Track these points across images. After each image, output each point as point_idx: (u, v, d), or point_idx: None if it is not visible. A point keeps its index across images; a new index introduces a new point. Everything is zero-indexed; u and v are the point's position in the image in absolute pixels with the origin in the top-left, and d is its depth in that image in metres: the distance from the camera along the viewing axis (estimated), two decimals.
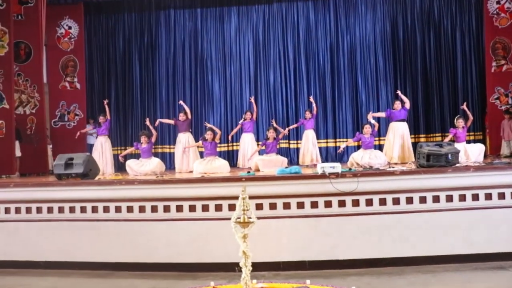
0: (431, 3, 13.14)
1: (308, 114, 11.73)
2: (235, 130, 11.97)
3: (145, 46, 13.82)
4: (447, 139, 10.06)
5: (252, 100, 11.95)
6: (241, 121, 11.70)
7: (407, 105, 10.72)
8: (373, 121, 10.50)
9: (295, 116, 13.32)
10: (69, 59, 13.00)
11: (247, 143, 11.35)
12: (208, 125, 10.96)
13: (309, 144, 11.50)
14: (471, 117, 10.29)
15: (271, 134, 10.59)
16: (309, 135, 11.57)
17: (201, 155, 10.89)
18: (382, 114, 11.29)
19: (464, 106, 10.51)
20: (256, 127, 12.77)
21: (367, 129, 10.12)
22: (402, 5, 13.28)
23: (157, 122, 11.62)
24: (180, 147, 11.07)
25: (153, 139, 10.57)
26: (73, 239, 7.30)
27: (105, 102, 11.57)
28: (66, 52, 13.03)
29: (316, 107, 11.96)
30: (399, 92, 11.16)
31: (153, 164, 10.09)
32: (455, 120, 10.12)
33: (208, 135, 10.27)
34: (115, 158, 11.82)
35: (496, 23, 12.05)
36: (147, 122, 11.02)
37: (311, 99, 12.19)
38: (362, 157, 9.69)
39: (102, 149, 11.20)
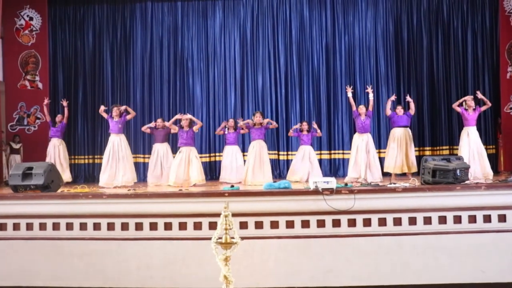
0: (439, 0, 13.28)
1: (305, 125, 11.43)
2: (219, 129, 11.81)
3: (118, 42, 13.79)
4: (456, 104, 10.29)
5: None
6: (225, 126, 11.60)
7: (412, 111, 10.85)
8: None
9: (285, 126, 13.34)
10: (30, 54, 12.94)
11: (231, 155, 11.31)
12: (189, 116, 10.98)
13: (306, 160, 11.24)
14: (488, 103, 10.45)
15: (257, 119, 10.65)
16: (305, 150, 11.32)
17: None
18: (388, 105, 10.98)
19: (479, 94, 10.59)
20: (242, 138, 12.80)
21: (362, 109, 10.32)
22: (407, 3, 13.40)
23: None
24: (154, 158, 11.09)
25: (129, 117, 10.80)
26: (30, 261, 7.21)
27: (65, 103, 11.63)
28: (27, 46, 12.96)
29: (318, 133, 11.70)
30: (408, 97, 11.08)
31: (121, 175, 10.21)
32: (465, 100, 10.26)
33: (184, 122, 10.44)
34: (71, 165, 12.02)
35: None
36: (101, 110, 10.94)
37: (314, 125, 11.73)
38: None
39: (55, 154, 11.11)
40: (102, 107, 10.83)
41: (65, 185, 10.57)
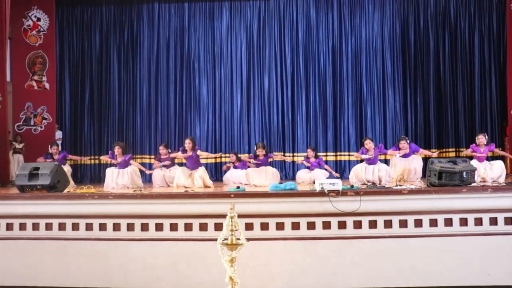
0: (446, 3, 13.26)
1: (310, 152, 11.17)
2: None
3: (125, 43, 13.83)
4: (466, 153, 10.20)
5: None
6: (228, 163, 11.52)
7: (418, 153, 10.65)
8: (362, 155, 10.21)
9: (291, 128, 13.33)
10: (37, 55, 12.99)
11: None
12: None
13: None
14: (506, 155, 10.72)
15: (260, 152, 10.60)
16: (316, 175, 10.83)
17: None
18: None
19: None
20: (248, 142, 12.89)
21: (368, 145, 9.98)
22: (414, 5, 13.39)
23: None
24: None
25: (133, 162, 10.51)
26: (36, 261, 7.23)
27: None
28: (34, 47, 13.02)
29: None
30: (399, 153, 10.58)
31: (126, 178, 10.11)
32: (476, 137, 10.10)
33: (187, 144, 10.13)
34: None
35: None
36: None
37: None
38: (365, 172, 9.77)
39: None
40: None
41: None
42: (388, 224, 6.87)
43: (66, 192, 7.97)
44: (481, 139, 9.95)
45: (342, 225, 6.87)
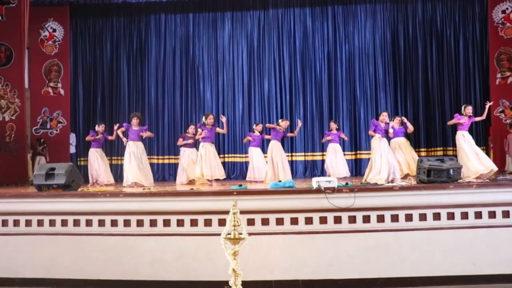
0: (433, 12, 13.27)
1: (333, 125, 11.73)
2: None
3: (134, 51, 13.84)
4: (450, 123, 10.07)
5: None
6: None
7: (409, 130, 10.45)
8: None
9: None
10: (53, 63, 13.00)
11: (256, 157, 11.08)
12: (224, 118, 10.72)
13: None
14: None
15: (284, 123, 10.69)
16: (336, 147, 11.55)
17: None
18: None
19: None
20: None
21: (383, 116, 9.55)
22: (403, 14, 13.40)
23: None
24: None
25: (145, 133, 10.28)
26: (53, 255, 7.22)
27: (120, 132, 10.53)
28: (50, 56, 13.04)
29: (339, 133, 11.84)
30: (404, 118, 10.59)
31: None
32: (464, 107, 9.86)
33: (210, 120, 10.13)
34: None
35: (501, 33, 12.20)
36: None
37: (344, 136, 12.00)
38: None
39: (98, 162, 10.79)
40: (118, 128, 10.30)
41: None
42: (380, 218, 6.85)
43: (80, 190, 7.97)
44: (469, 109, 9.73)
45: (337, 220, 6.85)
